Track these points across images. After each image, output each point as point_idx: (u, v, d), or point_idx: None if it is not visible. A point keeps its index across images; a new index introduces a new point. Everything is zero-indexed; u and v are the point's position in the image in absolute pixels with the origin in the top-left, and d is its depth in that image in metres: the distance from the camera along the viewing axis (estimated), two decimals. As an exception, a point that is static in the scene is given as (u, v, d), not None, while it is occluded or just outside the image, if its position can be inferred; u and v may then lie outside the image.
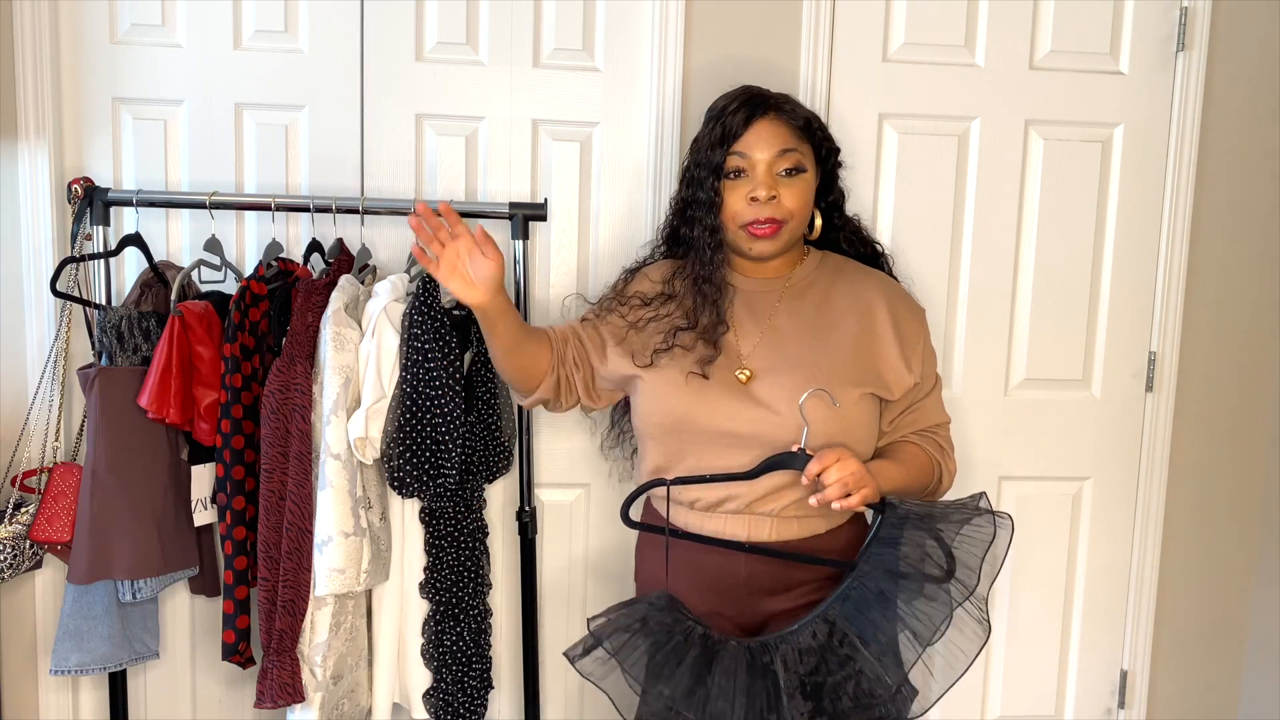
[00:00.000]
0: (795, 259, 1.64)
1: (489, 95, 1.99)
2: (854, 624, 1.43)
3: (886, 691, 1.41)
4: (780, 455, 1.47)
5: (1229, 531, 2.22)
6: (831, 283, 1.63)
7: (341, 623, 1.76)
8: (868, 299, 1.61)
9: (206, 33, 1.93)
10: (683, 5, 1.97)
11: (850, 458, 1.42)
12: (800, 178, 1.55)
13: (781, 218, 1.53)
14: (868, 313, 1.60)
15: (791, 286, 1.62)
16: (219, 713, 2.08)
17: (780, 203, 1.52)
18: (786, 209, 1.53)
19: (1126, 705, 2.25)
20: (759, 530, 1.54)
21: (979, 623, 1.44)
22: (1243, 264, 2.15)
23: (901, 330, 1.59)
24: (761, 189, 1.51)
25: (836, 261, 1.67)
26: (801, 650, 1.42)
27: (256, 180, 1.98)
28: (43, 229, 1.92)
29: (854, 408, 1.52)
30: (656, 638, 1.43)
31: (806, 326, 1.58)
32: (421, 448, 1.73)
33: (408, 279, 1.81)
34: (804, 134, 1.57)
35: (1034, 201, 2.09)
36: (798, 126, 1.56)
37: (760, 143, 1.53)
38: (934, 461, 1.60)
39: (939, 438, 1.63)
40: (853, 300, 1.61)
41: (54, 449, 1.86)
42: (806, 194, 1.56)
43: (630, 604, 1.48)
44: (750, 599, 1.57)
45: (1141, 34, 2.07)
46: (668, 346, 1.56)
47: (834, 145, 1.63)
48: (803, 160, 1.55)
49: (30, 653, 2.01)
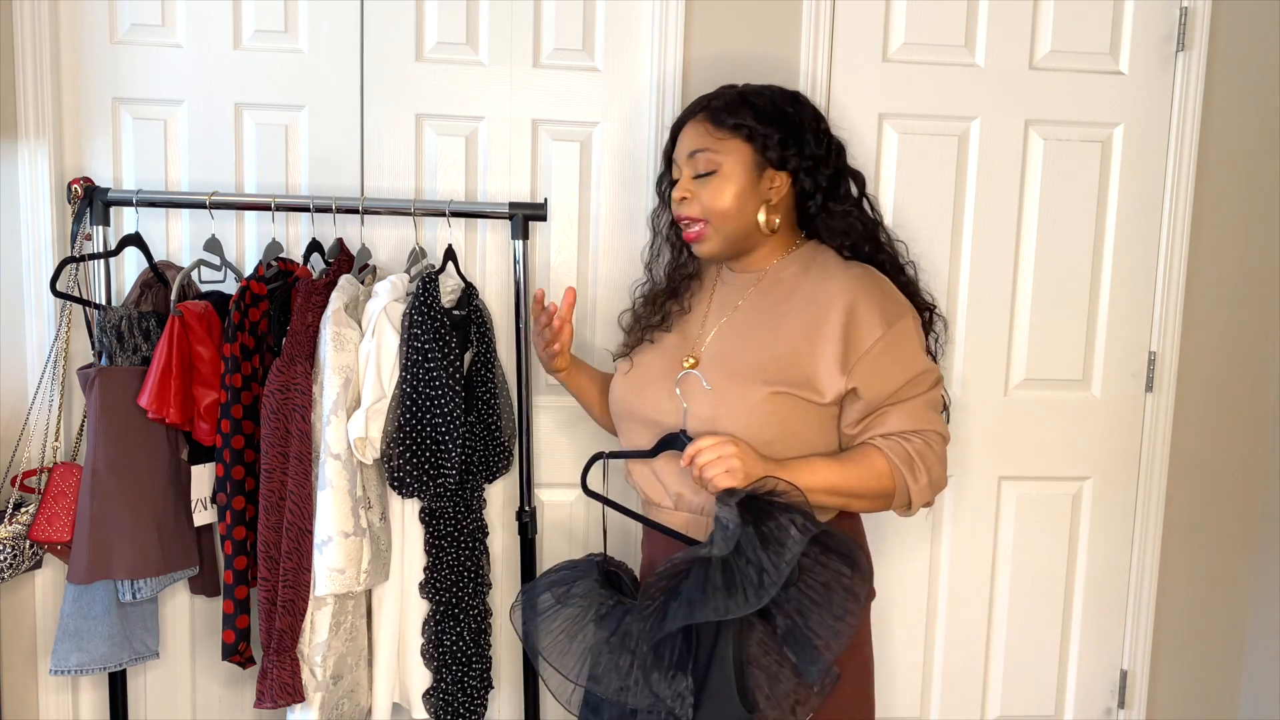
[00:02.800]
0: (780, 251, 1.61)
1: (489, 95, 1.99)
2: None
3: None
4: (668, 435, 1.52)
5: (1229, 531, 2.22)
6: (800, 278, 1.57)
7: (341, 623, 1.76)
8: (828, 297, 1.51)
9: (206, 33, 1.93)
10: (683, 5, 1.97)
11: (730, 443, 1.40)
12: (713, 178, 1.54)
13: (699, 216, 1.56)
14: (822, 311, 1.50)
15: (763, 280, 1.60)
16: (219, 713, 2.08)
17: (694, 202, 1.56)
18: (703, 207, 1.55)
19: (1126, 705, 2.25)
20: (696, 530, 1.54)
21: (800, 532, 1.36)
22: (1243, 264, 2.15)
23: (852, 334, 1.47)
24: (677, 191, 1.58)
25: (820, 257, 1.59)
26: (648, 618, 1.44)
27: (256, 180, 1.98)
28: (43, 229, 1.92)
29: (757, 404, 1.47)
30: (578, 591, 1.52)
31: (758, 320, 1.56)
32: (421, 448, 1.73)
33: (408, 279, 1.81)
34: (732, 131, 1.54)
35: (1034, 201, 2.09)
36: (726, 126, 1.54)
37: (681, 147, 1.60)
38: (891, 469, 1.46)
39: (911, 444, 1.47)
40: (812, 296, 1.53)
41: (54, 449, 1.86)
42: (725, 191, 1.54)
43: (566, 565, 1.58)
44: None
45: (1141, 34, 2.07)
46: (637, 341, 1.68)
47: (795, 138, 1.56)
48: (717, 159, 1.54)
49: (30, 653, 2.01)
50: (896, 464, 1.46)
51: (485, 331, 1.89)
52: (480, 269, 2.02)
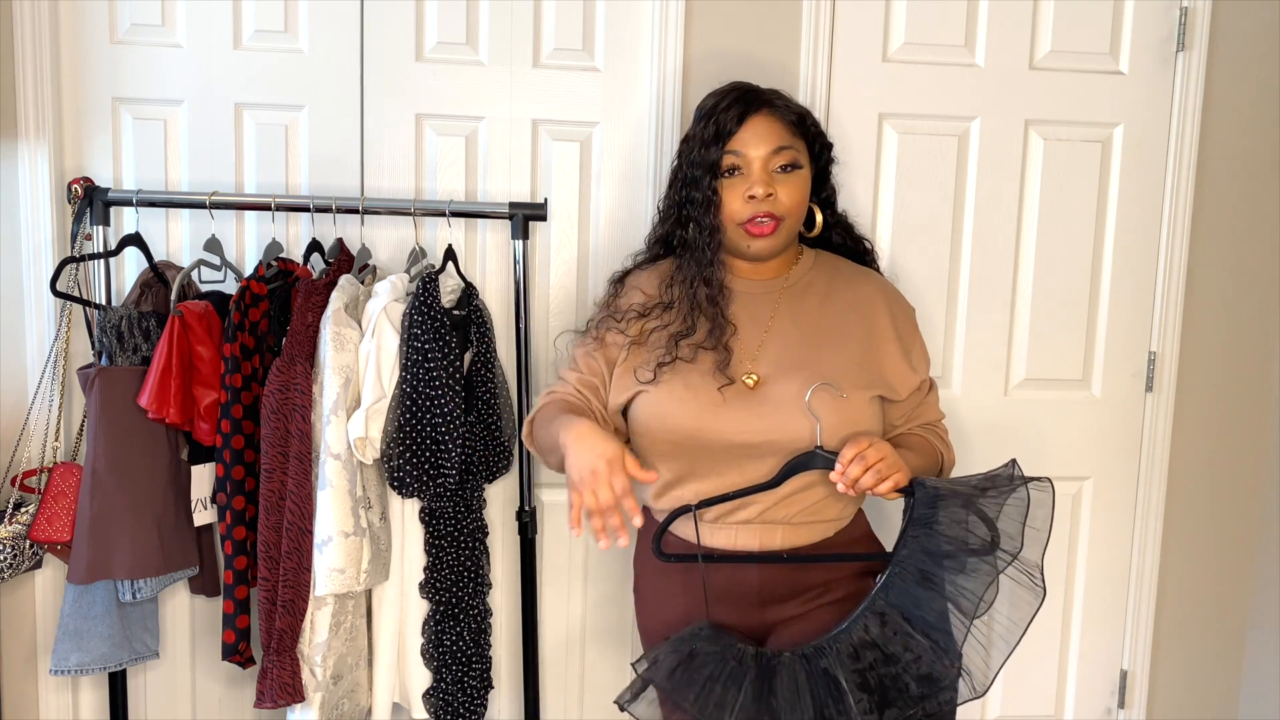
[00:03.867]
0: (791, 259, 1.63)
1: (489, 95, 1.99)
2: (903, 610, 1.40)
3: (947, 672, 1.38)
4: (799, 457, 1.45)
5: (1229, 531, 2.22)
6: (831, 283, 1.62)
7: (341, 622, 1.76)
8: (868, 300, 1.60)
9: (206, 33, 1.93)
10: (683, 5, 1.97)
11: (880, 443, 1.40)
12: (797, 174, 1.54)
13: (780, 214, 1.52)
14: (870, 314, 1.59)
15: (791, 287, 1.60)
16: (219, 713, 2.08)
17: (778, 199, 1.51)
18: (784, 206, 1.52)
19: (1126, 705, 2.25)
20: (770, 539, 1.51)
21: (1030, 589, 1.41)
22: (1243, 264, 2.15)
23: (900, 330, 1.60)
24: (759, 186, 1.50)
25: (832, 261, 1.66)
26: (856, 646, 1.39)
27: (256, 180, 1.98)
28: (43, 229, 1.92)
29: (862, 409, 1.51)
30: (710, 669, 1.39)
31: (810, 328, 1.57)
32: (421, 448, 1.73)
33: (408, 279, 1.81)
34: (798, 130, 1.56)
35: (1034, 201, 2.09)
36: (791, 122, 1.55)
37: (755, 139, 1.51)
38: (937, 450, 1.62)
39: (939, 430, 1.66)
40: (853, 301, 1.60)
41: (54, 449, 1.86)
42: (803, 190, 1.55)
43: (675, 639, 1.44)
44: (761, 609, 1.54)
45: (1141, 34, 2.07)
46: (671, 359, 1.51)
47: (827, 141, 1.63)
48: (798, 156, 1.54)
49: (30, 653, 2.01)
50: (938, 446, 1.62)
51: (485, 331, 1.89)
52: (480, 269, 2.02)
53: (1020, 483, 1.42)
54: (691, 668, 1.40)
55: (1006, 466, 1.47)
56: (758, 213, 1.50)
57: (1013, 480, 1.43)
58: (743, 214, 1.51)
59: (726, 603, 1.53)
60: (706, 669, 1.39)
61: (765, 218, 1.51)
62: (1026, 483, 1.42)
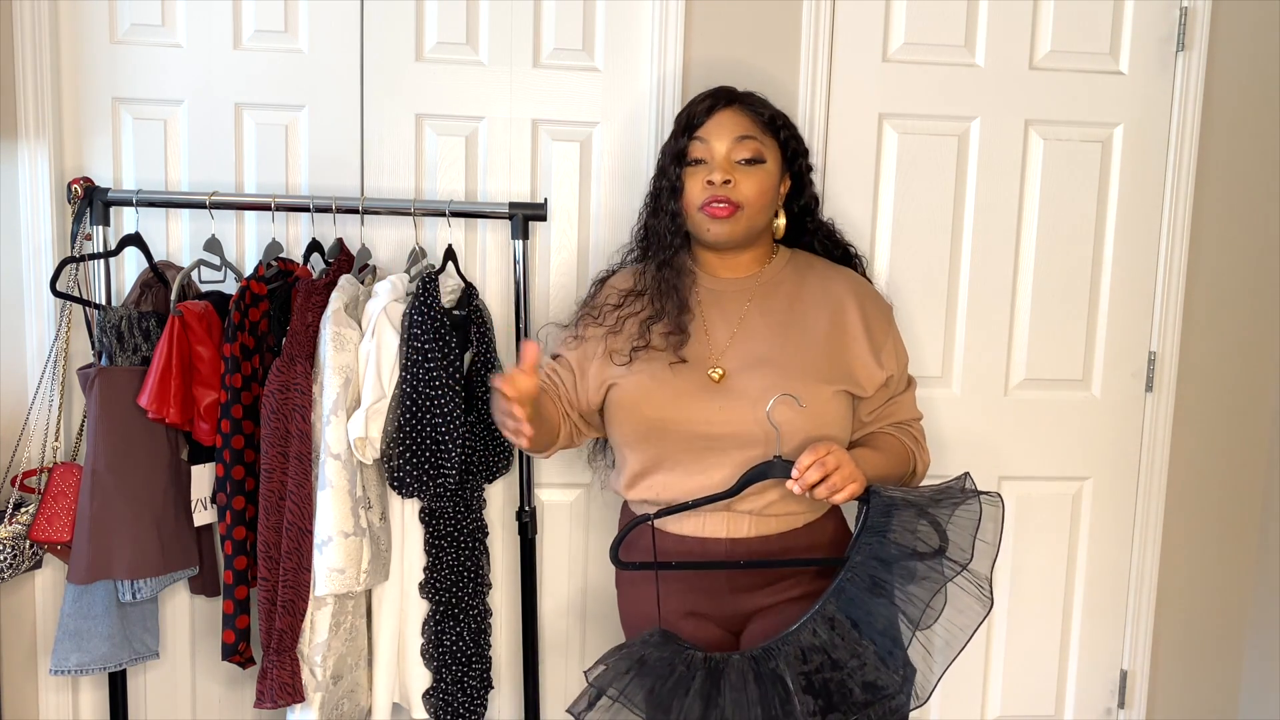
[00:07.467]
0: (764, 257, 1.65)
1: (489, 95, 1.99)
2: (853, 616, 1.43)
3: (893, 680, 1.41)
4: (759, 466, 1.47)
5: (1229, 531, 2.22)
6: (801, 279, 1.64)
7: (341, 623, 1.76)
8: (837, 295, 1.62)
9: (206, 33, 1.93)
10: (682, 5, 1.97)
11: (839, 451, 1.42)
12: (759, 168, 1.56)
13: (737, 201, 1.54)
14: (838, 309, 1.60)
15: (762, 285, 1.62)
16: (219, 713, 2.08)
17: (737, 187, 1.54)
18: (743, 194, 1.55)
19: (1126, 705, 2.25)
20: (738, 528, 1.54)
21: (978, 599, 1.43)
22: (1243, 264, 2.15)
23: (871, 327, 1.60)
24: (717, 173, 1.55)
25: (807, 259, 1.69)
26: (805, 649, 1.42)
27: (256, 180, 1.98)
28: (43, 229, 1.92)
29: (827, 405, 1.53)
30: (658, 673, 1.42)
31: (777, 324, 1.59)
32: (421, 448, 1.73)
33: (408, 279, 1.81)
34: (767, 128, 1.59)
35: (1034, 201, 2.09)
36: (761, 119, 1.59)
37: (719, 130, 1.56)
38: (909, 451, 1.62)
39: (914, 430, 1.66)
40: (822, 297, 1.61)
41: (54, 449, 1.86)
42: (764, 184, 1.57)
43: (625, 646, 1.48)
44: (733, 597, 1.57)
45: (1141, 34, 2.07)
46: (645, 344, 1.57)
47: (801, 146, 1.65)
48: (762, 150, 1.57)
49: (30, 653, 2.01)
50: (910, 447, 1.62)
51: (485, 331, 1.89)
52: (480, 269, 2.02)
53: (972, 495, 1.45)
54: (641, 674, 1.43)
55: (959, 479, 1.49)
56: (715, 196, 1.54)
57: (964, 492, 1.46)
58: (701, 198, 1.55)
59: (699, 592, 1.57)
60: (654, 673, 1.42)
61: (722, 202, 1.54)
62: (979, 495, 1.45)
